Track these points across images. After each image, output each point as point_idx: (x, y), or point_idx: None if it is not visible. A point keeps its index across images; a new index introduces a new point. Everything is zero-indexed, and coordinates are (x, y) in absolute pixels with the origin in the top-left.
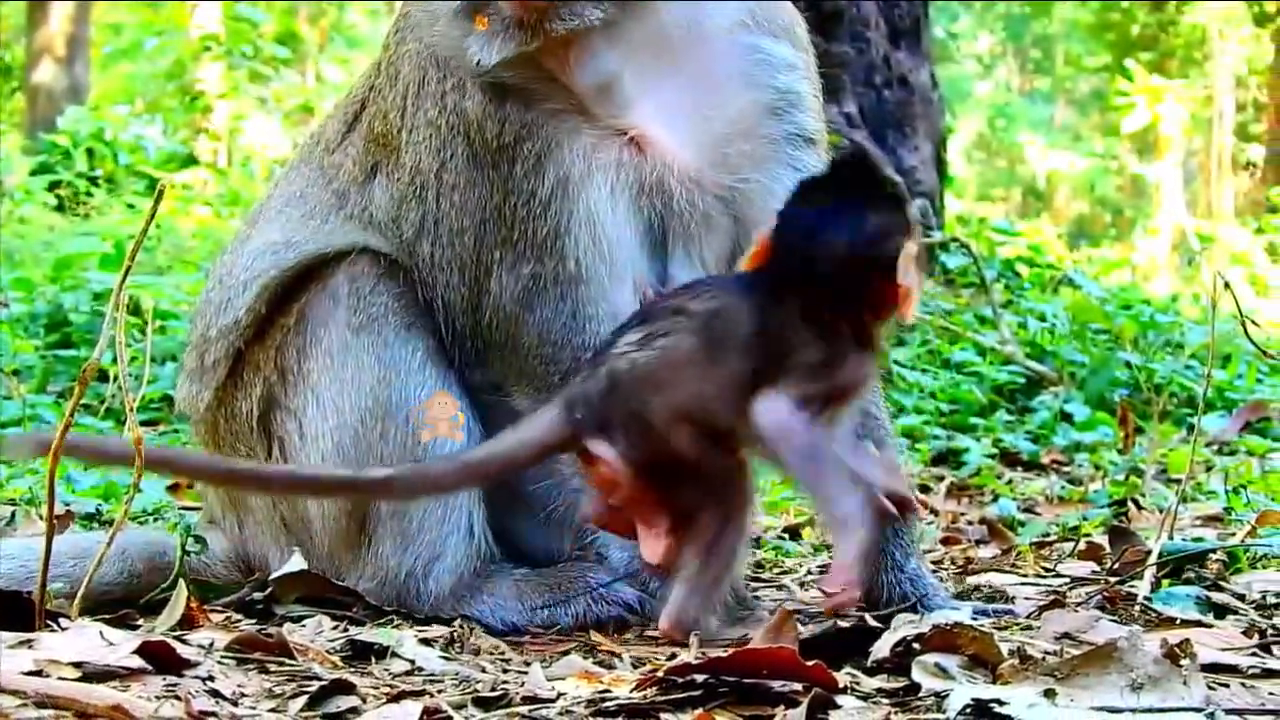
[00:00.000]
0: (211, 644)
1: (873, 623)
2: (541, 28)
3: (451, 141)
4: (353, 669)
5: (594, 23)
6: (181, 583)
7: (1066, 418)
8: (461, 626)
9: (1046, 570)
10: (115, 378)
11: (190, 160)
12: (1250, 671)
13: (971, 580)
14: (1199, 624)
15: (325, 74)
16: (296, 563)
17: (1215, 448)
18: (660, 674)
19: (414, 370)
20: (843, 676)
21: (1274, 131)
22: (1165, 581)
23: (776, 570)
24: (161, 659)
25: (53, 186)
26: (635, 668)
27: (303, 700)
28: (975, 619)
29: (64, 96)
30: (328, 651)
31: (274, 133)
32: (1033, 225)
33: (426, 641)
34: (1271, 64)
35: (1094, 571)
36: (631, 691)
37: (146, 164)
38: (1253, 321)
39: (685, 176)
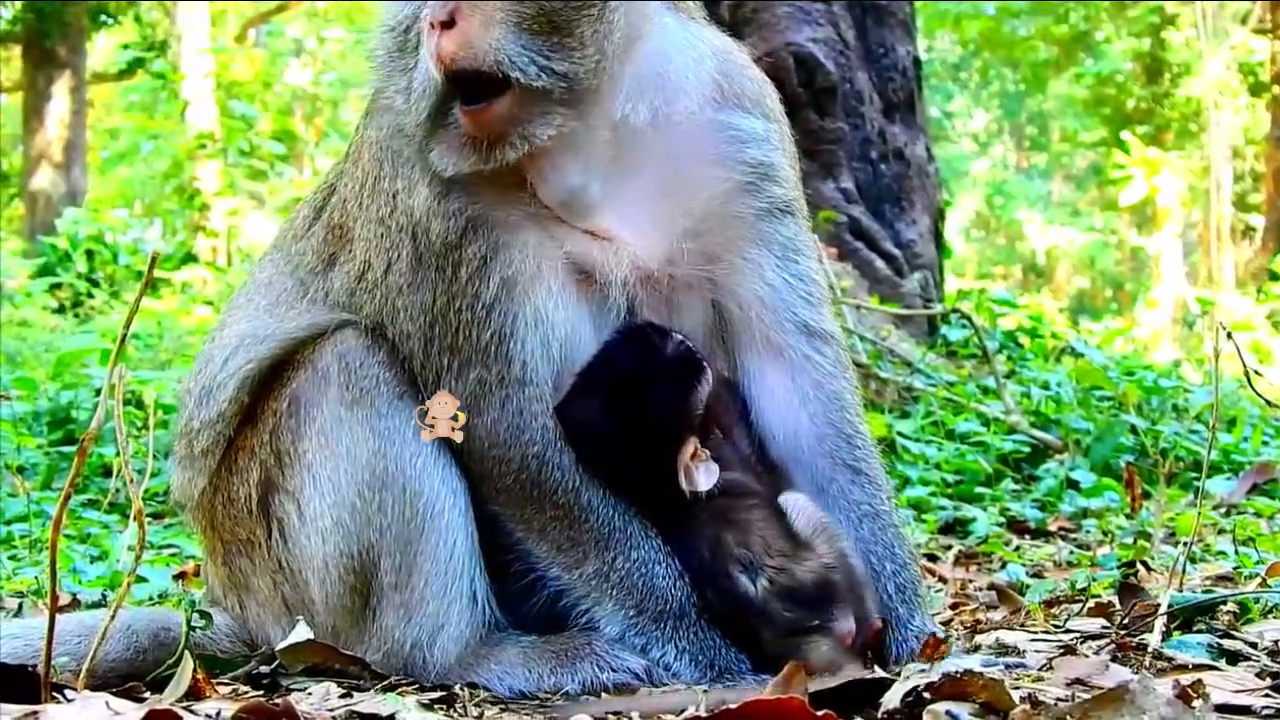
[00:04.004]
0: (219, 713)
1: (882, 673)
2: (494, 152)
3: (399, 242)
4: None
5: (545, 141)
6: (188, 654)
7: (1073, 485)
8: (463, 690)
9: (1056, 627)
10: (118, 471)
11: (189, 258)
12: (1264, 712)
13: (981, 639)
14: (1211, 669)
15: (321, 169)
16: (302, 632)
17: (1223, 510)
18: None
19: (409, 439)
20: None
21: (1273, 200)
22: (1176, 633)
23: None
24: None
25: (53, 289)
26: None
27: None
28: (986, 667)
29: (62, 201)
30: (335, 718)
31: (272, 229)
32: (1034, 300)
33: (430, 706)
34: (1268, 133)
35: (1104, 627)
36: None
37: (145, 265)
38: (1256, 373)
39: (651, 268)
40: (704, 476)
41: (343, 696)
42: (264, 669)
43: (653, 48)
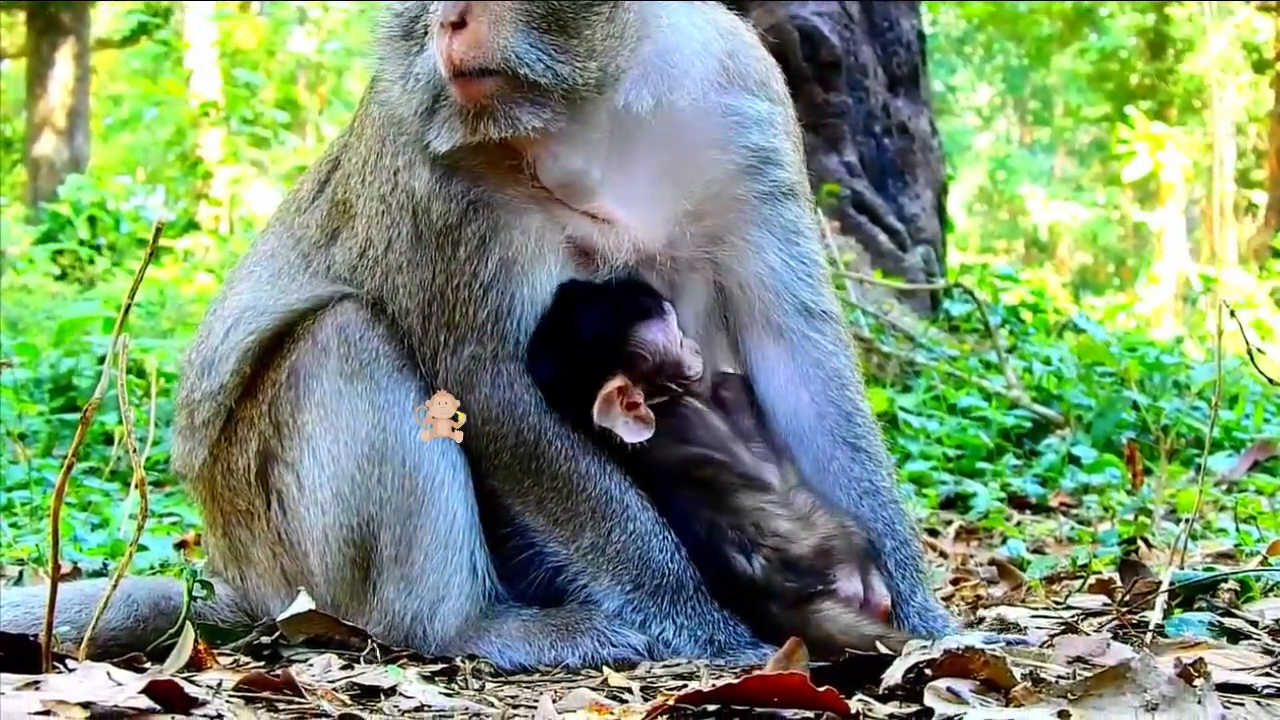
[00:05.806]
0: (220, 684)
1: (884, 650)
2: (480, 124)
3: (399, 220)
4: (361, 706)
5: (531, 131)
6: (189, 625)
7: (1074, 460)
8: (464, 662)
9: (1057, 604)
10: (120, 439)
11: (192, 225)
12: (1265, 691)
13: (982, 614)
14: (1212, 647)
15: (326, 136)
16: (304, 602)
17: (1224, 487)
18: (671, 703)
19: (408, 413)
20: (855, 703)
21: (1275, 177)
22: (1177, 610)
23: None
24: (170, 699)
25: (55, 256)
26: (645, 700)
27: None
28: (987, 644)
29: (65, 168)
30: (336, 690)
31: (274, 197)
32: (1036, 276)
33: (431, 678)
34: (1271, 110)
35: (1105, 604)
36: None
37: (148, 232)
38: (1259, 350)
39: (652, 250)
40: (626, 427)
41: (344, 668)
42: (265, 640)
43: (660, 38)
